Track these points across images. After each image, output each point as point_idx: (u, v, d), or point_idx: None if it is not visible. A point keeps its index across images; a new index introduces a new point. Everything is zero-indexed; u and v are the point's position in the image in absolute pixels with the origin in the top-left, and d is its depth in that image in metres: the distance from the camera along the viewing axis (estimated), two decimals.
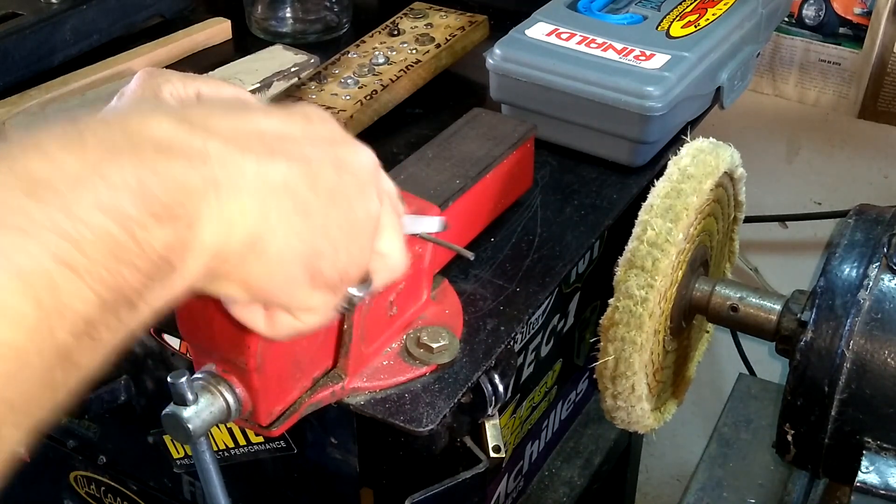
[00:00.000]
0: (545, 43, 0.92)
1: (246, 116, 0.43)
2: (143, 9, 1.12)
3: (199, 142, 0.39)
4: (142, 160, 0.36)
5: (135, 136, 0.37)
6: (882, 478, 0.68)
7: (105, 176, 0.35)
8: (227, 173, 0.39)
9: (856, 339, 0.69)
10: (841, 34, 1.25)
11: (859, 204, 0.80)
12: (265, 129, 0.43)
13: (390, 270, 0.51)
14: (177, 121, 0.39)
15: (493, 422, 0.75)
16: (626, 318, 0.75)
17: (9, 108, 0.95)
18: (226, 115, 0.42)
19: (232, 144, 0.40)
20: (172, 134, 0.38)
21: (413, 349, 0.68)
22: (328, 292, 0.47)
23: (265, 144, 0.42)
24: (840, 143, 1.32)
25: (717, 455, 1.02)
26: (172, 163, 0.37)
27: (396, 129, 0.97)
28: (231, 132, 0.41)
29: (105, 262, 0.34)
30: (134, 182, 0.35)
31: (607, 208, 0.87)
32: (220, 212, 0.39)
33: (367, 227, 0.47)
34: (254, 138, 0.41)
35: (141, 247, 0.36)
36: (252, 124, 0.42)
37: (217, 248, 0.39)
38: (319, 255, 0.44)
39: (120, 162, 0.36)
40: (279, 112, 0.45)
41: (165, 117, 0.39)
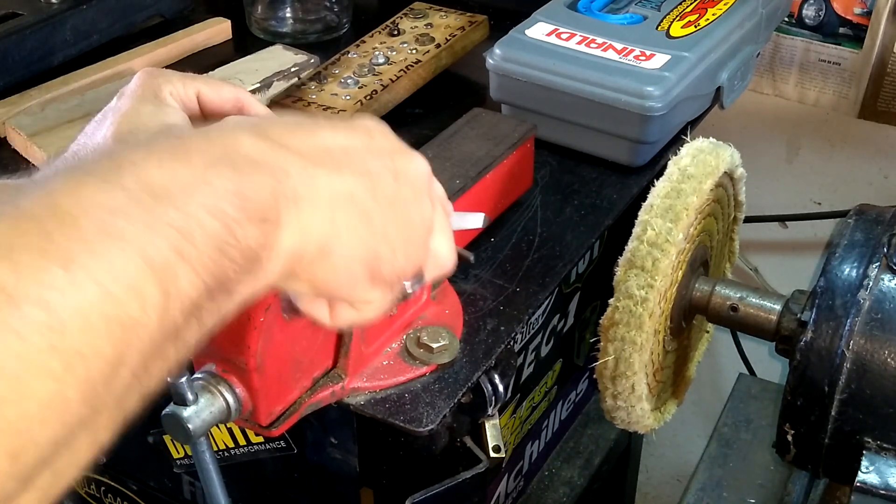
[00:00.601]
0: (545, 43, 0.92)
1: (316, 133, 0.48)
2: (143, 9, 1.12)
3: (281, 157, 0.44)
4: (238, 171, 0.42)
5: (230, 151, 0.43)
6: (882, 478, 0.68)
7: (210, 183, 0.41)
8: (304, 186, 0.45)
9: (856, 339, 0.69)
10: (841, 34, 1.25)
11: (859, 204, 0.80)
12: (332, 144, 0.48)
13: (441, 266, 0.56)
14: (259, 138, 0.45)
15: (493, 422, 0.75)
16: (626, 318, 0.75)
17: (9, 108, 0.95)
18: (299, 133, 0.47)
19: (307, 160, 0.45)
20: (258, 150, 0.44)
21: (413, 349, 0.68)
22: (386, 288, 0.52)
23: (333, 159, 0.47)
24: (840, 143, 1.32)
25: (717, 455, 1.02)
26: (262, 174, 0.43)
27: (396, 129, 0.96)
28: (305, 149, 0.46)
29: (212, 254, 0.40)
30: (233, 188, 0.41)
31: (607, 208, 0.87)
32: (298, 219, 0.44)
33: (421, 229, 0.53)
34: (324, 154, 0.47)
35: (239, 242, 0.41)
36: (321, 140, 0.48)
37: (294, 251, 0.45)
38: (379, 257, 0.49)
39: (221, 172, 0.42)
40: (343, 127, 0.50)
41: (249, 135, 0.44)
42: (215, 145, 0.43)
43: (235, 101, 0.63)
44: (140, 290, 0.37)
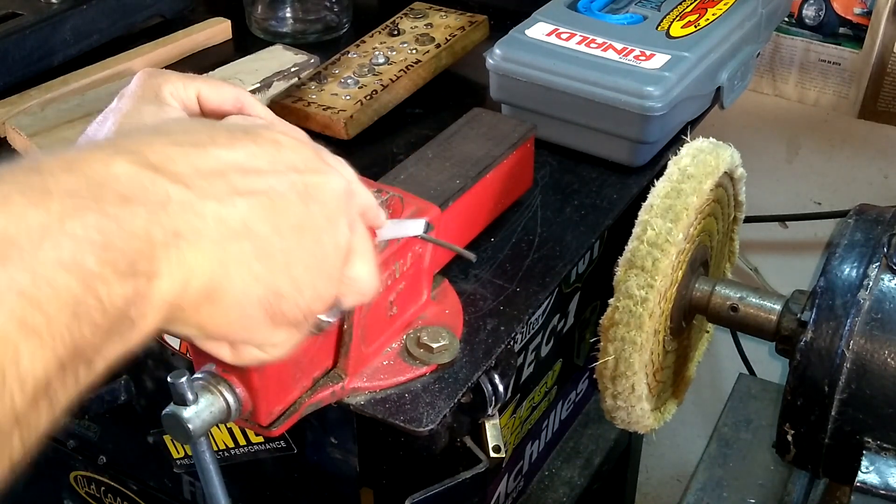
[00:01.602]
0: (545, 43, 0.92)
1: (210, 151, 0.42)
2: (143, 9, 1.12)
3: (160, 188, 0.38)
4: (104, 212, 0.36)
5: (97, 183, 0.37)
6: (882, 478, 0.68)
7: (68, 231, 0.35)
8: (187, 221, 0.39)
9: (856, 339, 0.69)
10: (841, 34, 1.25)
11: (859, 204, 0.80)
12: (228, 162, 0.42)
13: (360, 294, 0.51)
14: (138, 164, 0.38)
15: (493, 422, 0.75)
16: (626, 318, 0.75)
17: (9, 108, 0.95)
18: (188, 152, 0.41)
19: (192, 189, 0.39)
20: (134, 180, 0.38)
21: (413, 349, 0.68)
22: (291, 328, 0.46)
23: (227, 183, 0.41)
24: (840, 143, 1.32)
25: (717, 455, 1.02)
26: (134, 213, 0.37)
27: (396, 129, 0.97)
28: (193, 173, 0.40)
29: (66, 321, 0.34)
30: (96, 236, 0.35)
31: (607, 208, 0.87)
32: (179, 262, 0.38)
33: (334, 259, 0.46)
34: (216, 176, 0.41)
35: (102, 303, 0.35)
36: (214, 160, 0.41)
37: (174, 298, 0.39)
38: (280, 297, 0.43)
39: (83, 215, 0.35)
40: (245, 139, 0.44)
41: (127, 160, 0.38)
42: (82, 178, 0.36)
43: (235, 102, 0.62)
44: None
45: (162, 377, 0.77)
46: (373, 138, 0.95)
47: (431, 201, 0.71)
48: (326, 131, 0.94)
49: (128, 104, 0.58)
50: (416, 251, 0.69)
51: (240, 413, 0.58)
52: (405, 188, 0.72)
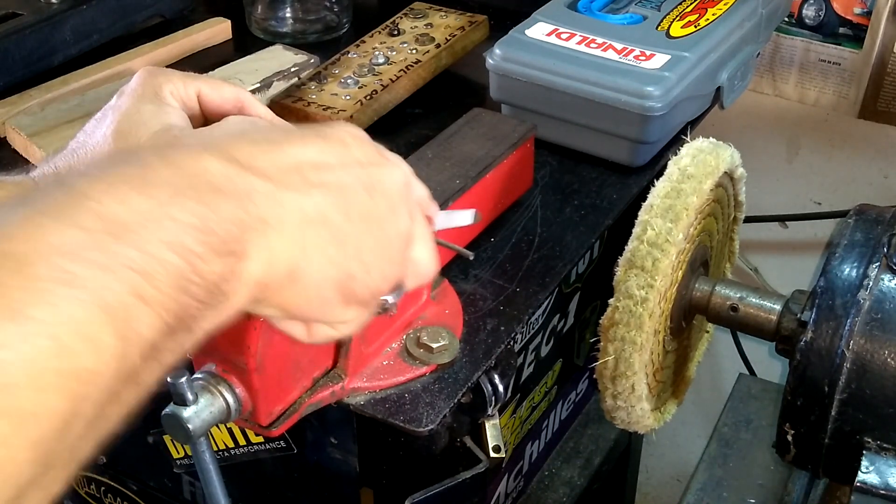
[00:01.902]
0: (545, 43, 0.92)
1: (285, 149, 0.46)
2: (143, 9, 1.12)
3: (245, 181, 0.43)
4: (201, 200, 0.40)
5: (192, 175, 0.41)
6: (882, 478, 0.68)
7: (173, 217, 0.39)
8: (270, 209, 0.43)
9: (856, 339, 0.69)
10: (841, 34, 1.25)
11: (859, 204, 0.80)
12: (302, 160, 0.46)
13: (421, 275, 0.55)
14: (225, 160, 0.43)
15: (493, 422, 0.75)
16: (626, 318, 0.75)
17: (9, 108, 0.95)
18: (267, 150, 0.45)
19: (274, 182, 0.44)
20: (223, 173, 0.42)
21: (413, 349, 0.68)
22: (361, 307, 0.50)
23: (303, 177, 0.46)
24: (840, 143, 1.32)
25: (717, 455, 1.02)
26: (226, 202, 0.41)
27: (396, 129, 0.97)
28: (273, 168, 0.44)
29: (172, 293, 0.39)
30: (196, 220, 0.40)
31: (607, 208, 0.87)
32: (265, 246, 0.43)
33: (398, 244, 0.51)
34: (293, 172, 0.45)
35: (202, 278, 0.40)
36: (290, 157, 0.46)
37: (261, 279, 0.43)
38: (352, 278, 0.48)
39: (185, 205, 0.40)
40: (316, 139, 0.48)
41: (215, 157, 0.43)
42: (179, 173, 0.41)
43: (236, 101, 0.63)
44: (96, 339, 0.35)
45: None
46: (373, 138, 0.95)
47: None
48: None
49: (127, 102, 0.59)
50: None
51: (240, 413, 0.58)
52: None
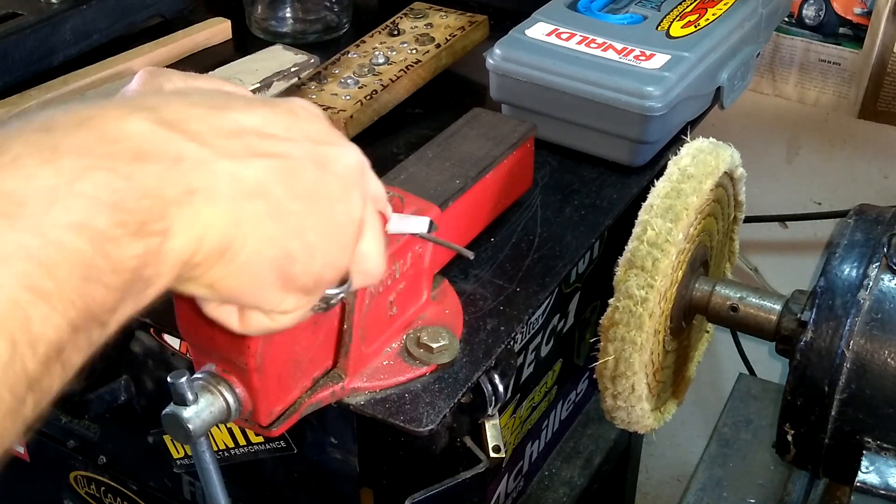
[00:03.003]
0: (545, 43, 0.92)
1: (226, 113, 0.41)
2: (143, 9, 1.12)
3: (175, 145, 0.38)
4: (116, 170, 0.35)
5: (111, 140, 0.36)
6: (882, 478, 0.68)
7: (78, 191, 0.34)
8: (202, 178, 0.38)
9: (856, 339, 0.69)
10: (841, 34, 1.25)
11: (859, 204, 0.80)
12: (245, 125, 0.41)
13: (369, 273, 0.50)
14: (154, 121, 0.38)
15: (493, 422, 0.75)
16: (626, 318, 0.75)
17: (9, 108, 0.95)
18: (205, 113, 0.40)
19: (208, 147, 0.39)
20: (150, 136, 0.37)
21: (413, 349, 0.68)
22: (301, 295, 0.45)
23: (243, 143, 0.41)
24: (840, 143, 1.32)
25: (717, 455, 1.02)
26: (148, 169, 0.36)
27: (396, 129, 0.97)
28: (209, 132, 0.40)
29: (77, 284, 0.34)
30: (108, 195, 0.34)
31: (607, 208, 0.87)
32: (192, 219, 0.38)
33: (347, 229, 0.46)
34: (232, 137, 0.40)
35: (114, 264, 0.35)
36: (231, 121, 0.41)
37: (188, 256, 0.39)
38: (292, 260, 0.43)
39: (93, 174, 0.35)
40: (262, 106, 0.44)
41: (143, 117, 0.38)
42: (97, 136, 0.36)
43: None
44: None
45: (162, 377, 0.77)
46: (373, 138, 0.95)
47: (431, 201, 0.71)
48: None
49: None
50: (415, 251, 0.69)
51: (240, 413, 0.58)
52: (405, 188, 0.72)
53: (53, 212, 0.33)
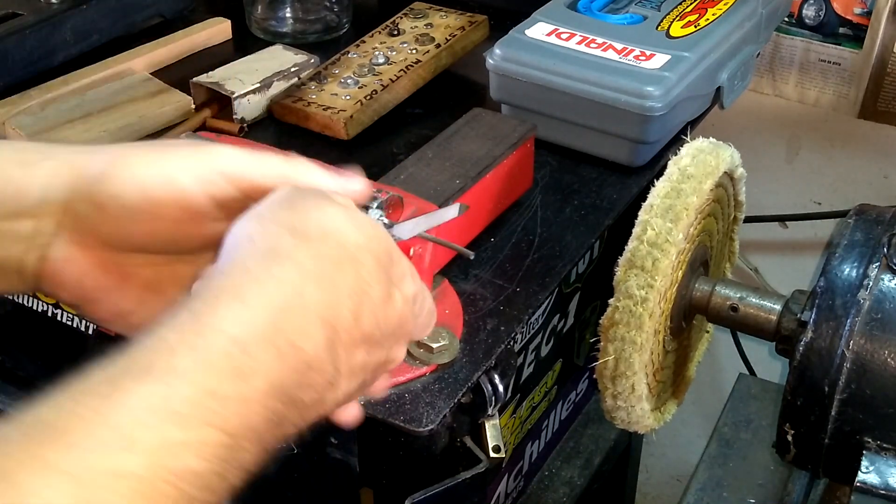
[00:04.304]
0: (545, 43, 0.91)
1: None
2: (143, 9, 1.12)
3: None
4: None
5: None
6: (882, 478, 0.68)
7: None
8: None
9: (856, 339, 0.69)
10: (841, 34, 1.25)
11: (859, 204, 0.80)
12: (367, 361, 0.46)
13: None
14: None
15: (493, 422, 0.74)
16: (626, 318, 0.75)
17: (9, 108, 0.95)
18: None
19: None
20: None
21: (413, 349, 0.68)
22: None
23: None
24: (840, 143, 1.32)
25: (717, 455, 1.02)
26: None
27: (396, 129, 0.97)
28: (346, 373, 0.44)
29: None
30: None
31: (607, 208, 0.87)
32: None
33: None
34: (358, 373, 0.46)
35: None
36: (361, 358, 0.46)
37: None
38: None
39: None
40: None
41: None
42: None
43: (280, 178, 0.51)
44: None
45: None
46: (373, 138, 0.95)
47: (431, 201, 0.72)
48: (326, 131, 0.94)
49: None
50: (416, 251, 0.69)
51: None
52: (405, 188, 0.72)
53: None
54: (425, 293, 0.51)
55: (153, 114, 0.96)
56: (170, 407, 0.36)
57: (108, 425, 0.35)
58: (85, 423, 0.35)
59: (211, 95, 0.97)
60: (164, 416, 0.36)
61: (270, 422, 0.39)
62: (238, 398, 0.38)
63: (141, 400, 0.36)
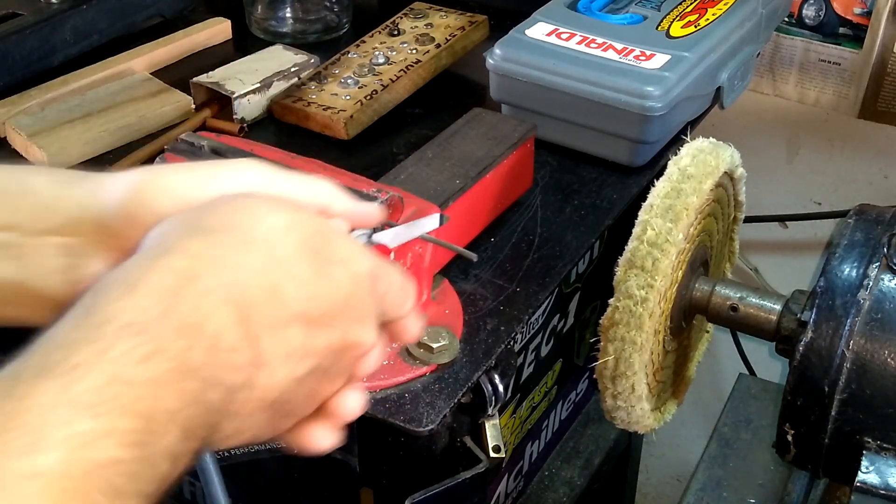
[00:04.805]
0: (545, 43, 0.92)
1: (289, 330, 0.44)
2: (143, 9, 1.12)
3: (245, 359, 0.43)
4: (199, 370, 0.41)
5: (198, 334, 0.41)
6: (882, 478, 0.68)
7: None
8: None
9: (856, 339, 0.69)
10: (841, 34, 1.25)
11: (859, 204, 0.80)
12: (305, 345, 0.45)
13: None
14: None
15: (493, 422, 0.75)
16: (626, 318, 0.75)
17: (9, 108, 0.95)
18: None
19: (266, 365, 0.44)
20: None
21: (413, 349, 0.68)
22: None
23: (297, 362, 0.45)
24: (840, 143, 1.32)
25: (717, 455, 1.02)
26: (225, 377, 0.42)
27: (396, 129, 0.97)
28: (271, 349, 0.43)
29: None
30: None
31: (607, 208, 0.87)
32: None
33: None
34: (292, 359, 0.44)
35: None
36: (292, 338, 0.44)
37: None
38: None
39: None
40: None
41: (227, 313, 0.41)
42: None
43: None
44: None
45: None
46: (373, 138, 0.95)
47: (431, 201, 0.72)
48: (326, 131, 0.94)
49: None
50: (416, 251, 0.69)
51: None
52: (405, 188, 0.72)
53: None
54: (388, 269, 0.49)
55: (153, 114, 0.96)
56: (78, 399, 0.36)
57: (17, 426, 0.35)
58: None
59: (211, 95, 0.97)
60: (73, 408, 0.35)
61: (189, 402, 0.39)
62: (145, 381, 0.37)
63: (48, 397, 0.35)
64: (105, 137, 0.93)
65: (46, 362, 0.37)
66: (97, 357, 0.37)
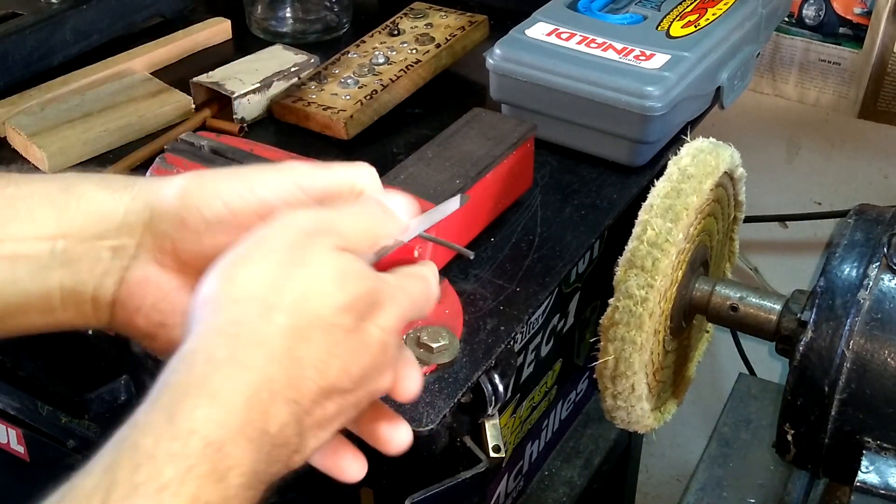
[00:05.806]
0: (545, 43, 0.92)
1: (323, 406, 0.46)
2: (143, 9, 1.12)
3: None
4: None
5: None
6: (882, 478, 0.68)
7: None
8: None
9: (856, 339, 0.69)
10: (841, 34, 1.25)
11: (859, 204, 0.80)
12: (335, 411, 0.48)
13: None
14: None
15: (493, 422, 0.74)
16: (626, 318, 0.75)
17: (9, 108, 0.95)
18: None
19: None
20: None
21: (413, 349, 0.68)
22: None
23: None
24: (840, 143, 1.32)
25: (717, 455, 1.02)
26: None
27: (396, 129, 0.97)
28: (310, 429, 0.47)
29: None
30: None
31: (607, 208, 0.87)
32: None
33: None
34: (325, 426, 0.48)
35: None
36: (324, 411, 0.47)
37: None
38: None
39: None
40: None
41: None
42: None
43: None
44: None
45: None
46: (373, 138, 0.95)
47: (431, 201, 0.71)
48: (326, 131, 0.94)
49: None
50: (416, 251, 0.68)
51: None
52: (405, 188, 0.72)
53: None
54: (409, 299, 0.50)
55: (153, 114, 0.96)
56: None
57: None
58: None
59: (211, 95, 0.97)
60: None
61: (244, 500, 0.42)
62: (220, 500, 0.40)
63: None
64: (105, 137, 0.93)
65: (137, 480, 0.39)
66: (180, 476, 0.39)
